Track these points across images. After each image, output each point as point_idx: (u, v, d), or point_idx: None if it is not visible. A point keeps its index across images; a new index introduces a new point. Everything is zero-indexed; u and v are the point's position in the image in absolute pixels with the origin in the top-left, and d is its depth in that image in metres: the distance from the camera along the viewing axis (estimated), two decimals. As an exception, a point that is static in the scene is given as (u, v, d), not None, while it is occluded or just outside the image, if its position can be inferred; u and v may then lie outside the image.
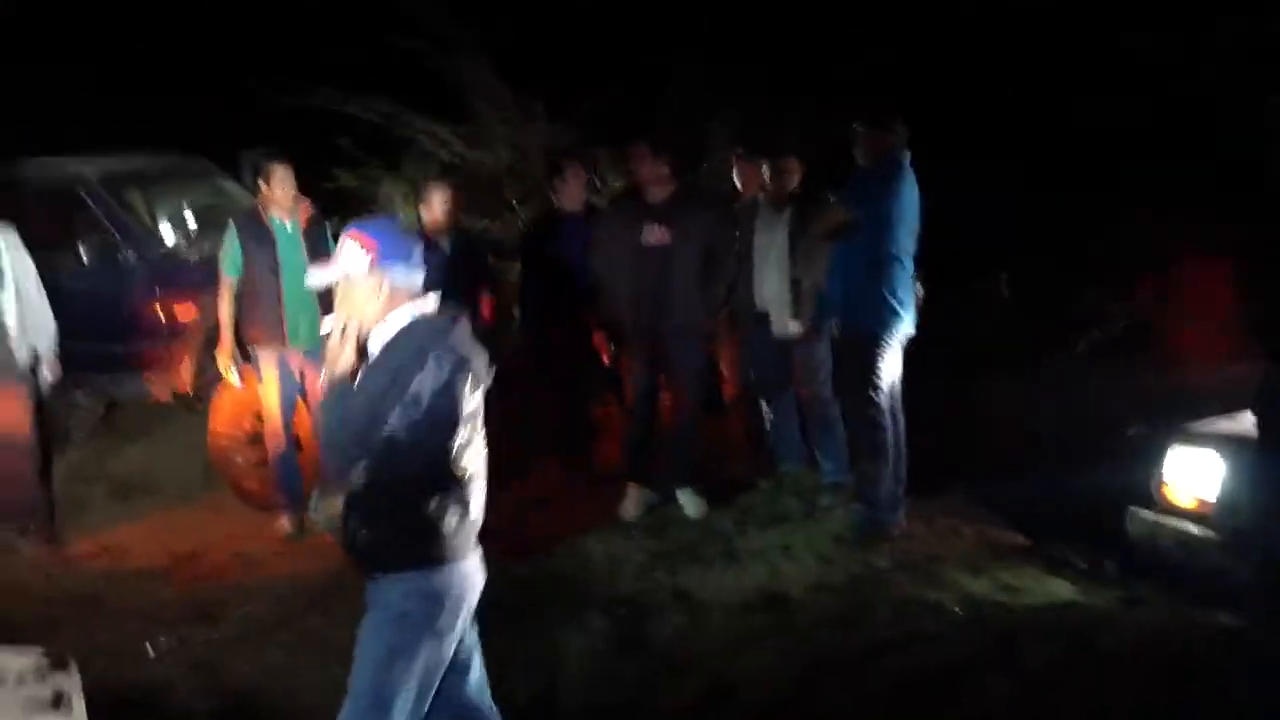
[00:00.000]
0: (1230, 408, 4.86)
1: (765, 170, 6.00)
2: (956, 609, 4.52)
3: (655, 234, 5.78)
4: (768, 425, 6.23)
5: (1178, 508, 4.81)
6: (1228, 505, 4.61)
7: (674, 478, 6.00)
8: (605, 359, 6.07)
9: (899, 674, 4.01)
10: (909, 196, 5.25)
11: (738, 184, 6.33)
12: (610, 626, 4.68)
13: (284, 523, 6.06)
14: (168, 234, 7.28)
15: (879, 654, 4.19)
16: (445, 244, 5.91)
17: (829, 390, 5.81)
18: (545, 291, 6.47)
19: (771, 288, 5.92)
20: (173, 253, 7.13)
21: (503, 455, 6.52)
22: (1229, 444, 4.68)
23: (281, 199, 5.88)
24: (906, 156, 5.28)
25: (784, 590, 4.87)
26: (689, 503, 5.91)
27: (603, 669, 4.28)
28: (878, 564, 5.07)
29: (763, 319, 5.97)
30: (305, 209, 5.99)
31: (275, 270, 5.85)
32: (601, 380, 6.58)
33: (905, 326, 5.31)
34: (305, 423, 6.22)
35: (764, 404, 6.24)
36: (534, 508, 6.02)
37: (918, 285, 5.43)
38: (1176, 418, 4.86)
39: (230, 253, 5.93)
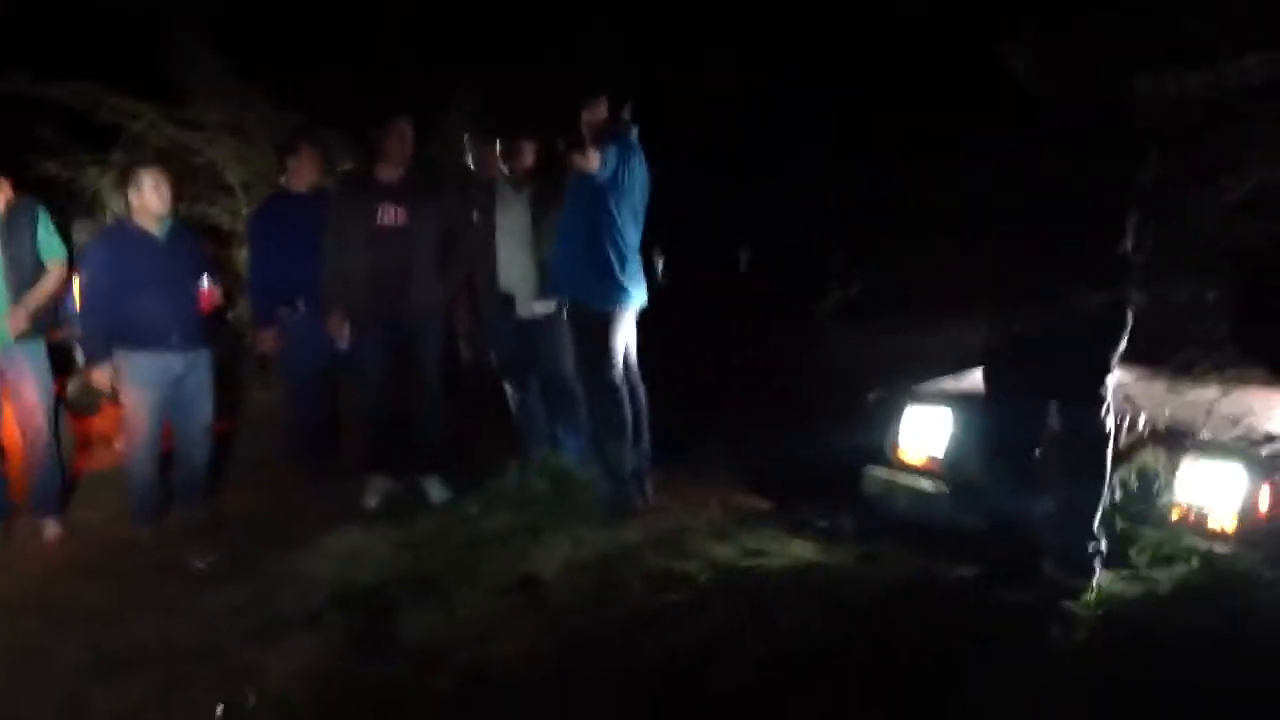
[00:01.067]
0: (959, 368, 5.11)
1: (499, 150, 5.88)
2: (705, 578, 4.53)
3: (390, 215, 5.62)
4: (513, 407, 6.11)
5: (910, 465, 5.02)
6: (955, 460, 4.84)
7: (418, 464, 5.82)
8: (342, 344, 5.80)
9: (657, 647, 3.96)
10: (636, 172, 5.22)
11: (470, 164, 6.20)
12: (350, 625, 4.46)
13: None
14: None
15: (635, 629, 4.13)
16: (158, 233, 5.52)
17: (569, 369, 5.74)
18: (274, 276, 6.19)
19: (515, 269, 5.81)
20: None
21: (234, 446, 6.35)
22: (957, 401, 4.91)
23: None
24: (632, 132, 5.25)
25: (535, 572, 4.75)
26: (433, 489, 5.74)
27: (345, 673, 4.05)
28: (627, 539, 5.02)
29: (508, 300, 5.85)
30: (5, 193, 5.46)
31: None
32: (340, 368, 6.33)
33: (634, 299, 5.29)
34: (8, 424, 5.70)
35: (508, 387, 6.12)
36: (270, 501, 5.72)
37: (660, 265, 5.44)
38: (912, 379, 5.04)
39: None
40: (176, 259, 5.52)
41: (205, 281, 5.51)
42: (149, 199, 5.46)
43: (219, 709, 3.75)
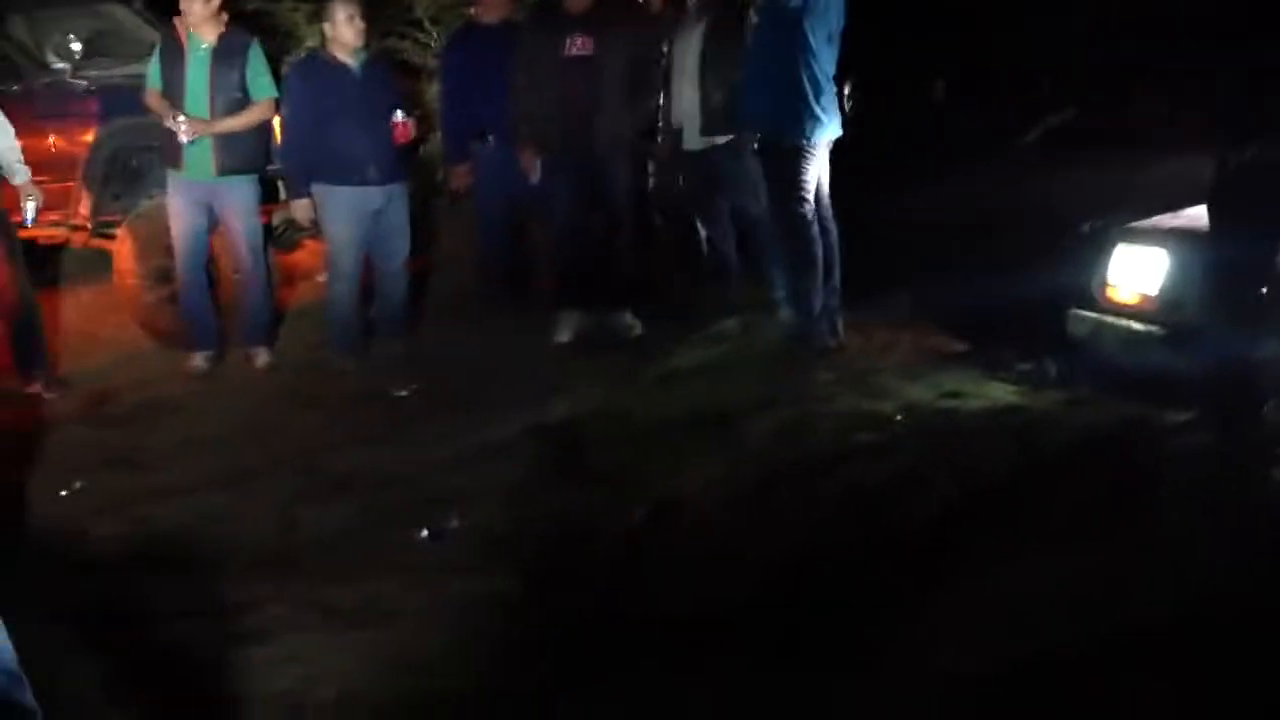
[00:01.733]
0: (1177, 204, 4.77)
1: None
2: (899, 418, 4.44)
3: (579, 45, 5.55)
4: (703, 242, 6.03)
5: (1121, 305, 4.74)
6: (1172, 300, 4.55)
7: (610, 299, 5.84)
8: (533, 177, 5.80)
9: (847, 484, 3.92)
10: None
11: None
12: (545, 454, 4.55)
13: (197, 361, 5.81)
14: (54, 62, 6.77)
15: (825, 466, 4.09)
16: (354, 65, 5.56)
17: (761, 205, 5.60)
18: (465, 111, 6.20)
19: (684, 101, 5.67)
20: (59, 81, 6.64)
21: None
22: (1173, 239, 4.59)
23: (189, 17, 5.49)
24: None
25: (725, 408, 4.74)
26: (625, 323, 5.76)
27: (541, 501, 4.13)
28: (817, 377, 4.95)
29: (679, 134, 5.74)
30: (219, 27, 5.57)
31: (178, 93, 5.51)
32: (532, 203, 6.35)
33: (829, 131, 5.09)
34: (220, 256, 5.93)
35: (697, 220, 6.04)
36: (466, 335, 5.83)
37: (848, 94, 5.20)
38: (1127, 213, 4.73)
39: (150, 70, 5.62)
40: (371, 92, 5.57)
41: (399, 115, 5.56)
42: (343, 31, 5.50)
43: (423, 532, 3.89)
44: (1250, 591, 2.97)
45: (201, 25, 5.49)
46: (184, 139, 5.43)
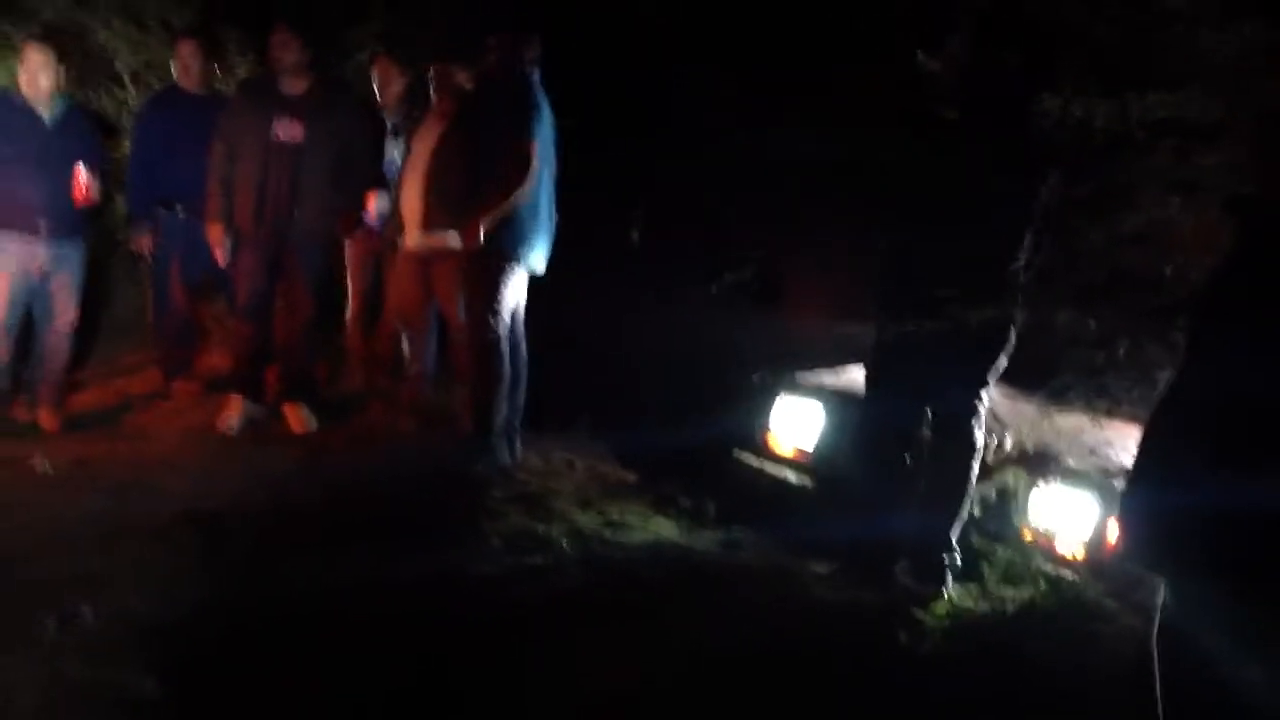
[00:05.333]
0: (837, 363, 5.15)
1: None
2: (565, 542, 4.51)
3: (287, 129, 5.43)
4: (404, 344, 5.95)
5: (779, 455, 5.05)
6: (825, 455, 4.88)
7: (284, 390, 5.66)
8: (219, 257, 5.58)
9: (515, 601, 3.95)
10: (546, 121, 5.10)
11: (375, 87, 6.03)
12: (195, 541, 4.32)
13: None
14: None
15: (494, 584, 4.09)
16: (44, 113, 5.24)
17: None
18: (154, 174, 5.94)
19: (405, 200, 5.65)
20: None
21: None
22: (831, 396, 4.95)
23: None
24: (537, 74, 5.08)
25: (389, 515, 4.65)
26: (299, 418, 5.59)
27: (186, 588, 3.91)
28: (491, 494, 4.96)
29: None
30: None
31: None
32: (214, 280, 6.11)
33: (536, 255, 5.18)
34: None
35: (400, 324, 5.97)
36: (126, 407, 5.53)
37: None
38: (790, 367, 5.06)
39: None
40: (60, 142, 5.29)
41: (83, 170, 5.26)
42: (34, 76, 5.20)
43: (51, 621, 3.60)
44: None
45: None
46: None
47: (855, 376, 4.67)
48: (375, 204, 5.62)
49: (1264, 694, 2.33)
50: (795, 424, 5.05)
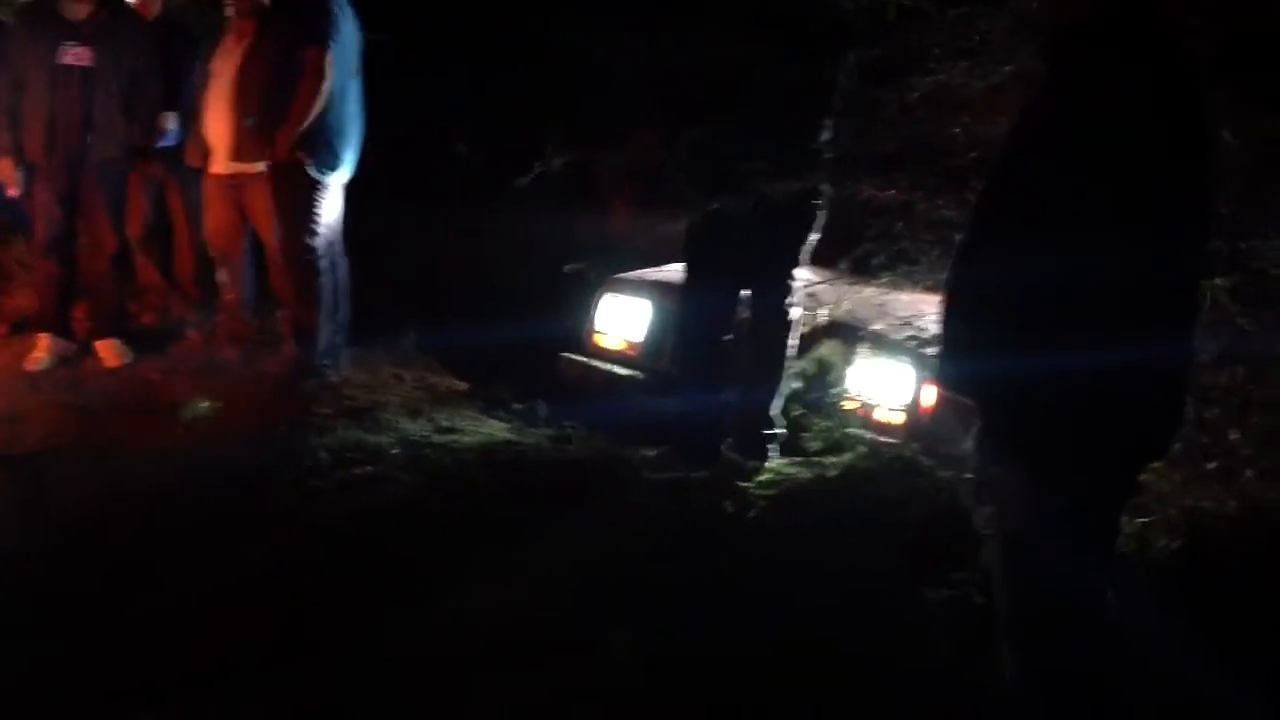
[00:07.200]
0: (657, 260, 5.21)
1: None
2: (396, 450, 4.48)
3: (74, 54, 5.18)
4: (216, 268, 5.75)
5: (607, 351, 5.10)
6: (651, 349, 4.96)
7: (95, 326, 5.46)
8: (11, 192, 5.32)
9: (346, 515, 3.93)
10: (348, 31, 5.00)
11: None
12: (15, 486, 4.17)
13: None
14: None
15: (320, 499, 4.06)
16: None
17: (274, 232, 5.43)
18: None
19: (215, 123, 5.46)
20: None
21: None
22: (654, 290, 5.02)
23: None
24: None
25: (220, 437, 4.57)
26: (111, 352, 5.40)
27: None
28: (319, 411, 4.89)
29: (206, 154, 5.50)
30: None
31: None
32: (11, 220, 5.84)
33: (347, 168, 5.10)
34: None
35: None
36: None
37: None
38: (609, 264, 5.09)
39: None
40: None
41: None
42: None
43: None
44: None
45: None
46: None
47: (676, 269, 4.73)
48: (166, 126, 5.45)
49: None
50: (621, 321, 5.10)
